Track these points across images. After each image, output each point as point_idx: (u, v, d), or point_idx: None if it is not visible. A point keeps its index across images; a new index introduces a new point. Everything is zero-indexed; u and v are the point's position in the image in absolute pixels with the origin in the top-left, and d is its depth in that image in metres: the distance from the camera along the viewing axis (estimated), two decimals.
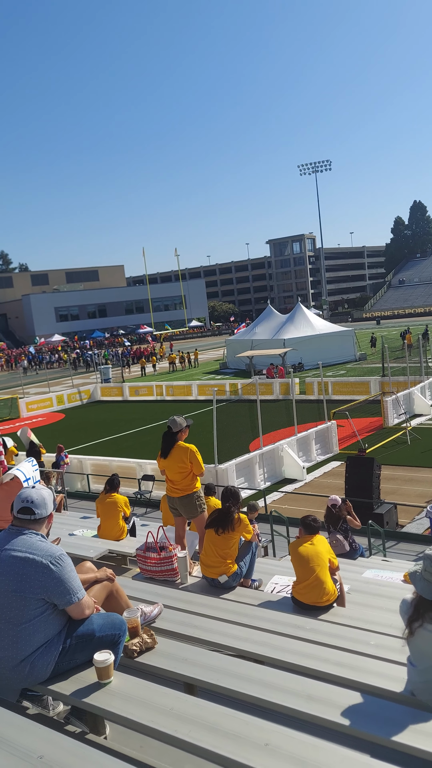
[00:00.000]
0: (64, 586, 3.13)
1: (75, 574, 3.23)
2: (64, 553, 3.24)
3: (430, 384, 26.94)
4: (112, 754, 2.70)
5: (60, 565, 3.14)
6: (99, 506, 9.10)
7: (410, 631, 3.08)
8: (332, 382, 30.60)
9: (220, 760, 2.54)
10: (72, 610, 3.20)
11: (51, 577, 3.11)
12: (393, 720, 2.79)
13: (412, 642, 3.10)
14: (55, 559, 3.15)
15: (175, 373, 48.96)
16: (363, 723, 2.79)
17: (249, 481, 17.04)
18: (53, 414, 35.51)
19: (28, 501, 3.28)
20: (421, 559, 3.15)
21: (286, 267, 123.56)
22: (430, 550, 3.11)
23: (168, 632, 4.05)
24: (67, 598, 3.14)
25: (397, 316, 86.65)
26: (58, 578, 3.12)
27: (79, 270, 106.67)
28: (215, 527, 5.84)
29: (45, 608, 3.12)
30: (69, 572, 3.17)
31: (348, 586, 6.04)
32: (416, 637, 3.06)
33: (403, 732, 2.70)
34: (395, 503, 13.61)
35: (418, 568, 3.13)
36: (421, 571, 3.10)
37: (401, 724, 2.76)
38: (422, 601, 3.08)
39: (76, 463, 19.19)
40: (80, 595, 3.19)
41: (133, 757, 2.85)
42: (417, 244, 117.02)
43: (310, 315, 45.29)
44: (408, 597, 3.21)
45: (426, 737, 2.65)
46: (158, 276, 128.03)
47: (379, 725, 2.76)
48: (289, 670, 3.46)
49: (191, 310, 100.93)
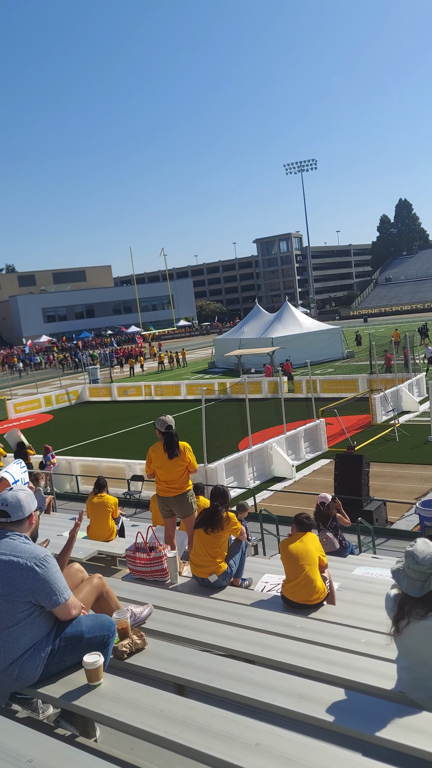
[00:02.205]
0: (50, 587, 3.11)
1: (60, 575, 3.21)
2: (49, 554, 3.22)
3: (417, 381, 27.08)
4: (102, 756, 2.68)
5: (45, 567, 3.13)
6: (88, 507, 9.07)
7: (397, 629, 3.07)
8: (320, 380, 30.70)
9: (210, 761, 2.53)
10: (59, 611, 3.17)
11: (36, 579, 3.09)
12: (384, 717, 2.79)
13: (399, 640, 3.10)
14: (39, 561, 3.13)
15: (163, 372, 48.88)
16: (354, 721, 2.79)
17: (238, 480, 17.04)
18: (41, 415, 35.33)
19: (3, 504, 3.26)
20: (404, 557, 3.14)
21: (274, 266, 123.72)
22: (411, 547, 3.09)
23: (158, 633, 4.03)
24: (53, 600, 3.12)
25: (384, 314, 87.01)
26: (43, 580, 3.10)
27: (66, 270, 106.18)
28: (204, 526, 5.82)
29: (32, 611, 3.10)
30: (54, 573, 3.15)
31: (338, 584, 6.05)
32: (403, 634, 3.06)
33: (394, 729, 2.70)
34: (384, 500, 13.66)
35: (401, 566, 3.12)
36: (404, 568, 3.09)
37: (392, 722, 2.75)
38: (406, 599, 3.07)
39: (64, 464, 19.10)
40: (66, 596, 3.17)
41: (123, 760, 2.84)
42: (403, 242, 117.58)
43: (297, 313, 45.41)
44: (392, 592, 3.19)
45: (416, 734, 2.65)
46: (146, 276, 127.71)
47: (370, 723, 2.76)
48: (280, 669, 3.45)
49: (179, 310, 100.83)
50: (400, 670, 3.17)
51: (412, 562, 3.02)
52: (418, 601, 3.03)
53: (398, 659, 3.18)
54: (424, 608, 3.01)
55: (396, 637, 3.10)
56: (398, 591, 3.13)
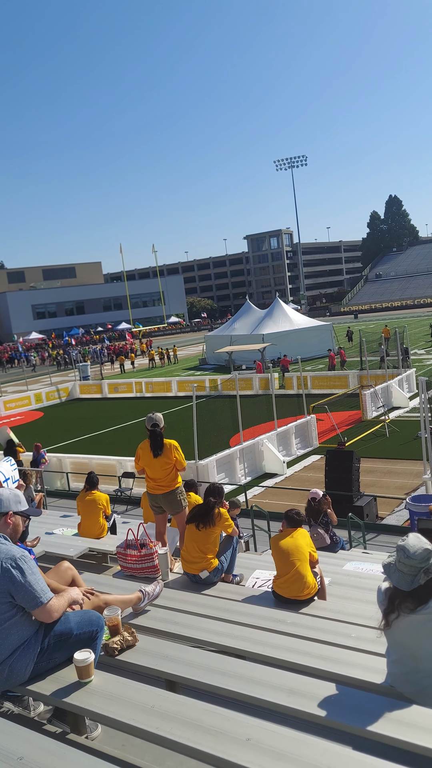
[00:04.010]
0: (26, 589, 3.04)
1: (38, 576, 3.14)
2: (27, 554, 3.17)
3: (407, 377, 27.19)
4: (93, 753, 2.68)
5: (21, 568, 3.06)
6: (79, 504, 9.05)
7: (387, 623, 3.09)
8: (311, 376, 30.75)
9: (201, 756, 2.53)
10: (38, 614, 3.10)
11: (13, 581, 3.03)
12: (373, 711, 2.81)
13: (389, 633, 3.12)
14: (15, 561, 3.07)
15: (154, 369, 48.80)
16: (344, 715, 2.80)
17: (229, 476, 17.05)
18: (31, 412, 35.20)
19: None
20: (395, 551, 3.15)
21: (264, 262, 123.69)
22: (402, 542, 3.11)
23: (149, 629, 4.03)
24: (32, 602, 3.06)
25: (374, 310, 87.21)
26: (19, 582, 3.04)
27: (56, 267, 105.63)
28: (196, 522, 5.83)
29: (16, 610, 3.07)
30: (31, 575, 3.08)
31: (329, 579, 6.07)
32: (393, 628, 3.08)
33: (384, 723, 2.72)
34: (375, 495, 13.72)
35: (392, 560, 3.13)
36: (395, 562, 3.10)
37: (381, 716, 2.77)
38: (397, 592, 3.09)
39: (55, 462, 19.04)
40: (43, 599, 3.08)
41: (114, 756, 2.84)
42: (393, 239, 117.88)
43: (288, 310, 45.43)
44: (383, 585, 3.22)
45: (405, 728, 2.67)
46: (136, 272, 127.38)
47: (360, 717, 2.78)
48: (271, 664, 3.46)
49: (170, 307, 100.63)
50: (390, 663, 3.19)
51: (404, 556, 3.04)
52: (408, 595, 3.05)
53: (388, 653, 3.21)
54: (413, 602, 3.03)
55: (386, 630, 3.12)
56: (389, 585, 3.15)
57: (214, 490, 6.06)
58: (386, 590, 3.16)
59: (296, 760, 2.40)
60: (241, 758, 2.43)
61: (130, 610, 4.22)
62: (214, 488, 6.09)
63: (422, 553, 3.02)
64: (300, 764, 2.37)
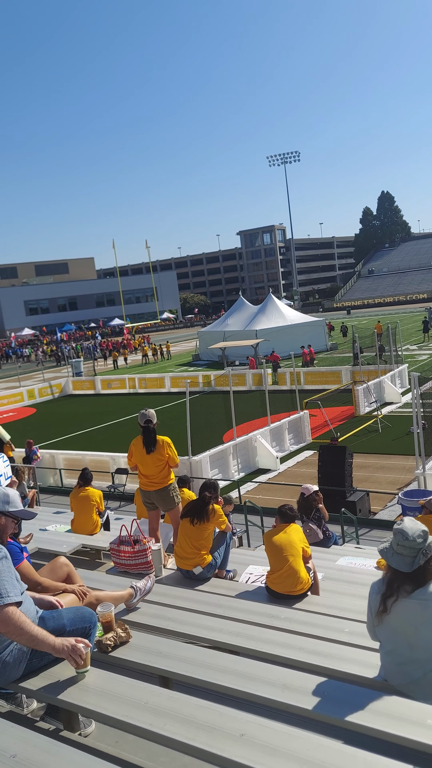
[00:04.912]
0: None
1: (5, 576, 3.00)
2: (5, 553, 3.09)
3: (400, 372, 27.27)
4: (87, 750, 2.67)
5: None
6: (72, 500, 9.03)
7: (385, 608, 3.13)
8: (304, 371, 30.78)
9: (195, 752, 2.53)
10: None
11: None
12: (367, 706, 2.81)
13: (385, 620, 3.15)
14: None
15: (147, 365, 48.72)
16: (337, 710, 2.81)
17: (223, 472, 17.06)
18: (24, 408, 35.07)
19: None
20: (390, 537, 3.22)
21: (257, 258, 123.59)
22: (399, 525, 3.18)
23: (143, 626, 4.03)
24: None
25: (366, 306, 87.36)
26: None
27: (48, 263, 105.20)
28: (191, 517, 5.83)
29: None
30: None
31: (322, 574, 6.08)
32: (390, 613, 3.12)
33: (377, 717, 2.73)
34: (367, 491, 13.76)
35: (387, 544, 3.21)
36: (393, 545, 3.17)
37: (375, 710, 2.78)
38: (396, 576, 3.15)
39: (48, 458, 18.99)
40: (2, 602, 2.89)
41: (108, 753, 2.83)
42: (385, 234, 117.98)
43: (281, 305, 45.44)
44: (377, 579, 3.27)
45: (398, 722, 2.68)
46: (129, 268, 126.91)
47: (354, 712, 2.78)
48: (264, 659, 3.47)
49: (163, 302, 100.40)
50: (384, 656, 3.22)
51: (402, 539, 3.12)
52: (407, 577, 3.12)
53: (381, 645, 3.23)
54: (412, 584, 3.11)
55: (382, 617, 3.16)
56: (387, 572, 3.22)
57: (210, 485, 6.07)
58: (384, 578, 3.22)
59: (290, 755, 2.40)
60: (234, 754, 2.43)
61: (123, 606, 4.21)
62: (209, 484, 6.11)
63: (421, 534, 3.12)
64: (293, 759, 2.38)
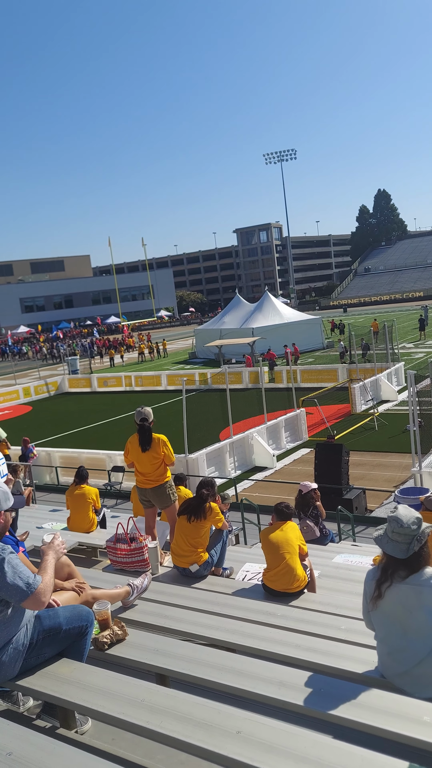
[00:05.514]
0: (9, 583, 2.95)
1: (21, 567, 3.05)
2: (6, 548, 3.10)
3: (396, 370, 27.30)
4: (83, 748, 2.67)
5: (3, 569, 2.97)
6: (69, 498, 9.02)
7: (379, 593, 3.18)
8: (300, 370, 30.80)
9: (192, 749, 2.53)
10: (29, 604, 3.02)
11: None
12: (363, 703, 2.82)
13: (380, 606, 3.19)
14: None
15: (144, 363, 48.67)
16: (334, 707, 2.81)
17: (219, 469, 17.07)
18: (20, 406, 35.01)
19: None
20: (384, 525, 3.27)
21: (254, 256, 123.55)
22: (393, 513, 3.24)
23: (139, 623, 4.03)
24: (18, 596, 2.97)
25: (363, 304, 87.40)
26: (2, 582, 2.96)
27: (44, 260, 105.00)
28: (188, 515, 5.82)
29: (2, 608, 3.03)
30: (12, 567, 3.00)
31: (318, 572, 6.09)
32: (385, 598, 3.16)
33: (374, 714, 2.73)
34: (364, 488, 13.78)
35: (382, 532, 3.26)
36: (387, 532, 3.22)
37: (371, 707, 2.79)
38: (390, 561, 3.20)
39: (44, 456, 18.97)
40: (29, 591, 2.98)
41: (104, 750, 2.83)
42: (381, 233, 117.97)
43: (278, 303, 45.46)
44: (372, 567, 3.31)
45: (395, 719, 2.68)
46: (125, 266, 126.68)
47: (350, 709, 2.79)
48: (261, 657, 3.47)
49: (159, 300, 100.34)
50: (378, 644, 3.26)
51: (397, 526, 3.16)
52: (401, 563, 3.17)
53: (376, 633, 3.28)
54: (406, 570, 3.16)
55: (377, 602, 3.20)
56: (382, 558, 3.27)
57: (207, 483, 6.06)
58: (378, 565, 3.27)
59: (287, 752, 2.40)
60: (231, 751, 2.43)
61: (119, 604, 4.21)
62: (207, 481, 6.10)
63: (415, 521, 3.17)
64: (290, 756, 2.38)
